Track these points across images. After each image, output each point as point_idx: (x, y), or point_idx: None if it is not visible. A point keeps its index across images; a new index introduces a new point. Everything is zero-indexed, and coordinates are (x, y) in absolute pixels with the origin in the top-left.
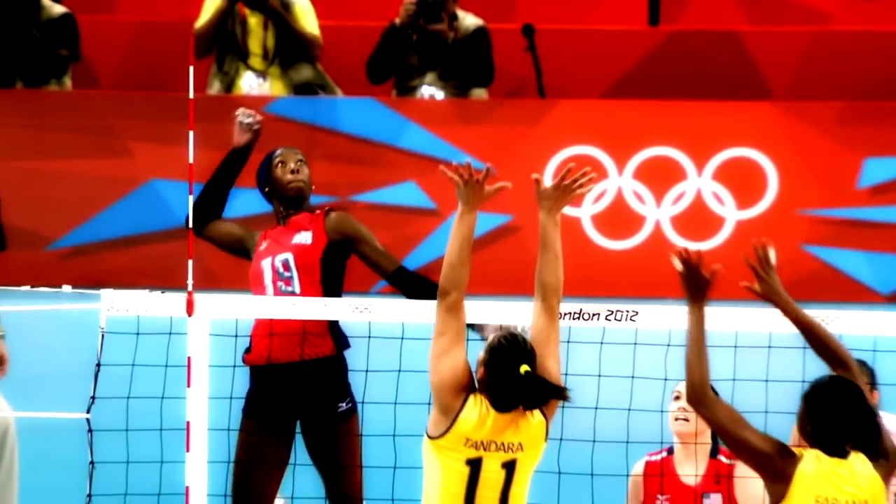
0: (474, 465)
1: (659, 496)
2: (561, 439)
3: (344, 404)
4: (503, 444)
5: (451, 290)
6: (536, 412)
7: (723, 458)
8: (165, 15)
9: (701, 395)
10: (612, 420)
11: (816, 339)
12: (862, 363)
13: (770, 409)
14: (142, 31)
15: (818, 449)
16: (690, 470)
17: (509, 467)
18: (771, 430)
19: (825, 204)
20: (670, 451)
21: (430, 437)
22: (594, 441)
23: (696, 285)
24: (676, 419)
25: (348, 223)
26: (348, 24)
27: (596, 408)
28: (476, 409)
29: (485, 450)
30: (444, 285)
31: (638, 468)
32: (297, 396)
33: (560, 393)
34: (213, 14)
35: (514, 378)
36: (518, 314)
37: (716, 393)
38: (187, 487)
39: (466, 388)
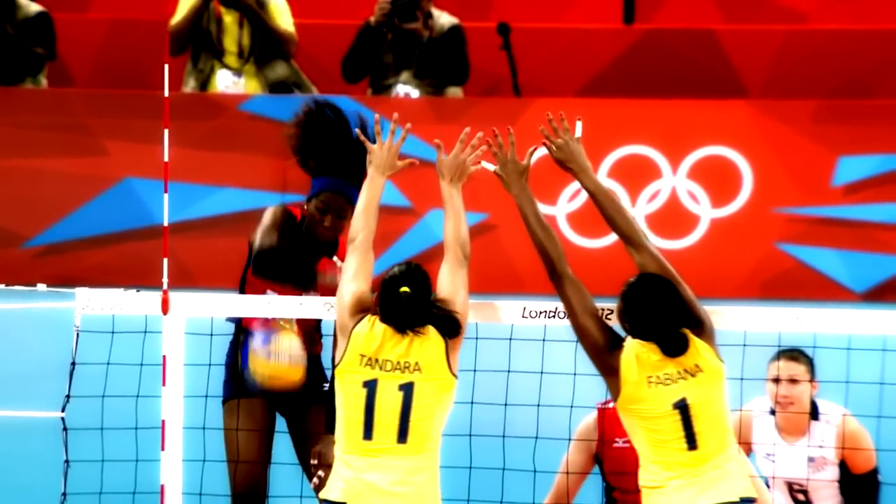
0: (371, 388)
1: (618, 440)
2: (536, 437)
3: (327, 385)
4: (399, 362)
5: (355, 236)
6: (434, 334)
7: None
8: (140, 13)
9: (559, 270)
10: (584, 416)
11: (607, 216)
12: (800, 352)
13: (745, 406)
14: (117, 29)
15: (646, 337)
16: None
17: (407, 391)
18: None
19: (800, 202)
20: None
21: (334, 367)
22: (569, 440)
23: (516, 172)
24: None
25: None
26: (323, 23)
27: (571, 406)
28: (369, 323)
29: (381, 369)
30: (351, 232)
31: (589, 418)
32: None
33: (443, 318)
34: (189, 12)
35: (395, 298)
36: (496, 312)
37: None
38: (162, 486)
39: (364, 311)
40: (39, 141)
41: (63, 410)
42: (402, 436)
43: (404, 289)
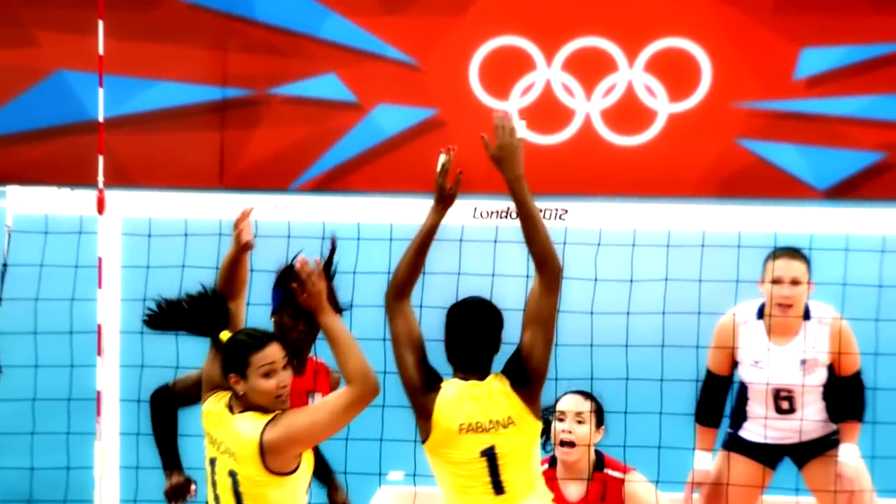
0: (212, 465)
1: None
2: None
3: None
4: (226, 448)
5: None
6: (254, 427)
7: (610, 472)
8: None
9: (398, 297)
10: None
11: (528, 234)
12: (798, 251)
13: (703, 309)
14: None
15: (456, 369)
16: (575, 486)
17: (233, 478)
18: (704, 329)
19: (761, 96)
20: (552, 462)
21: None
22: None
23: (446, 197)
24: (562, 443)
25: None
26: None
27: (523, 309)
28: (214, 402)
29: (217, 449)
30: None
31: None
32: None
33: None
34: None
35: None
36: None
37: None
38: (99, 392)
39: (217, 387)
40: None
41: None
42: None
43: (225, 333)
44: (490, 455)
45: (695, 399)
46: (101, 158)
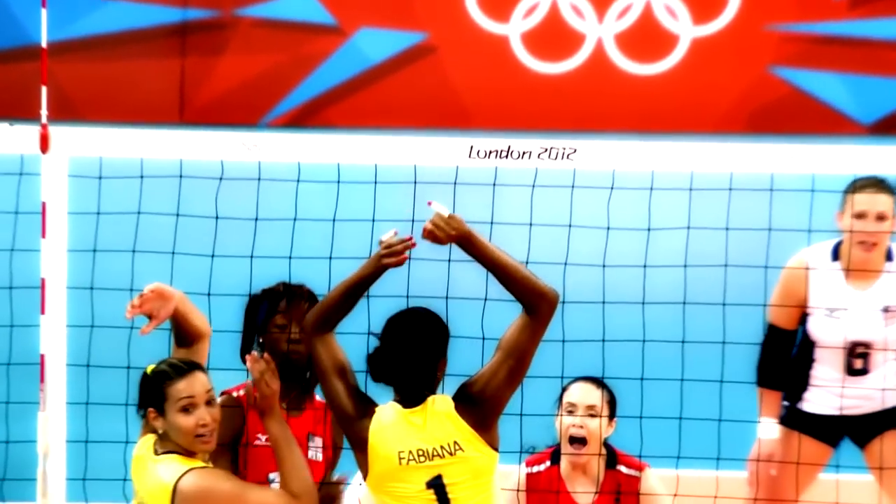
0: None
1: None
2: (485, 300)
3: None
4: (141, 499)
5: None
6: (168, 476)
7: (623, 469)
8: None
9: (317, 327)
10: (545, 273)
11: (507, 287)
12: (884, 181)
13: (730, 261)
14: None
15: (393, 391)
16: (583, 486)
17: None
18: (731, 284)
19: (797, 17)
20: (554, 458)
21: None
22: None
23: (387, 265)
24: (572, 440)
25: None
26: None
27: (527, 262)
28: (140, 446)
29: (136, 496)
30: None
31: (519, 480)
32: None
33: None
34: None
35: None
36: (438, 151)
37: None
38: (42, 356)
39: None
40: None
41: None
42: None
43: (151, 367)
44: (438, 486)
45: (721, 363)
46: (44, 89)
